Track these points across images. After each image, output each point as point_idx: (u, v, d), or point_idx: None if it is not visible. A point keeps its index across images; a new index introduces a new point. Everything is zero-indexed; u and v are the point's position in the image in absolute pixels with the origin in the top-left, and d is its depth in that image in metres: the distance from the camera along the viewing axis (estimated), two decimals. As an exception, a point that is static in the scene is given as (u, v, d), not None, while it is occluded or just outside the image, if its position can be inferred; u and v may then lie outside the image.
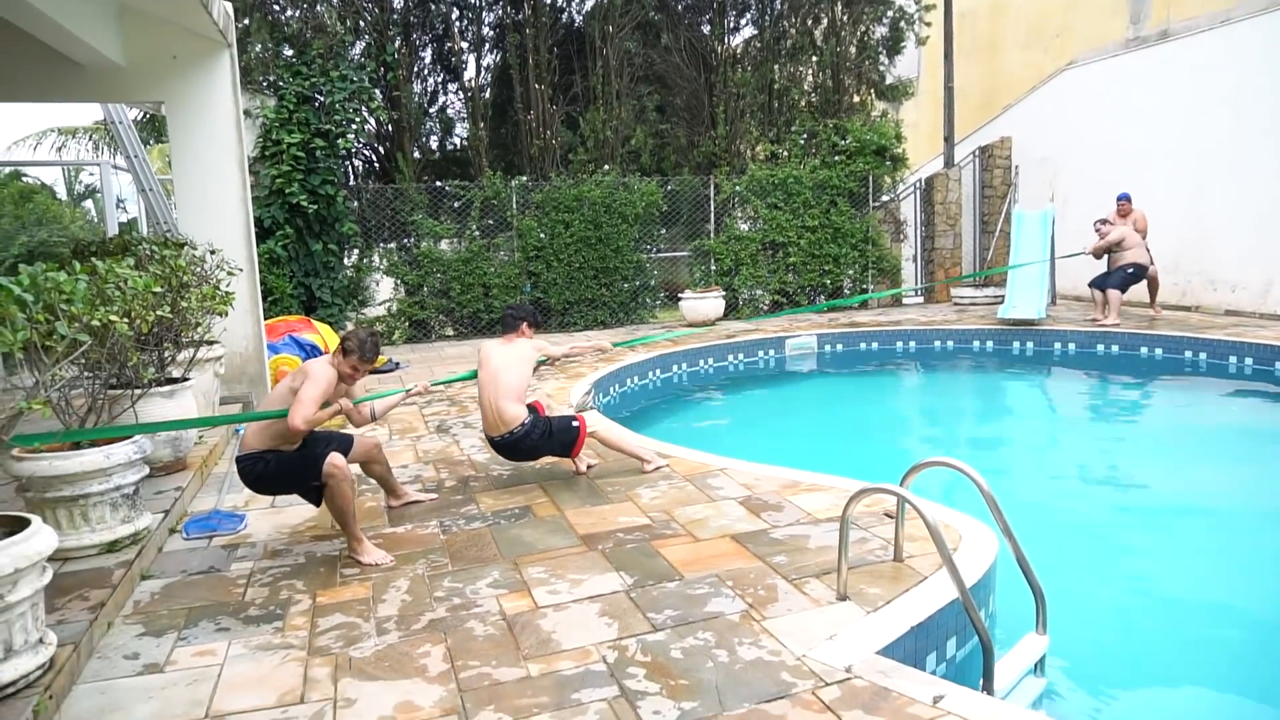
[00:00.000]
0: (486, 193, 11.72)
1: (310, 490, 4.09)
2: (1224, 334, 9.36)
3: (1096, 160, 12.90)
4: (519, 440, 4.74)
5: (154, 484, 4.69)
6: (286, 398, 3.89)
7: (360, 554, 3.88)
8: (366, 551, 3.89)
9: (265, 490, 4.13)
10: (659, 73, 14.24)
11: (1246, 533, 5.14)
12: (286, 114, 10.28)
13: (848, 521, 3.22)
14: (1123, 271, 10.26)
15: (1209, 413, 8.04)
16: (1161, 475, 6.34)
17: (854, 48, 14.18)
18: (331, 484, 3.82)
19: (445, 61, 14.11)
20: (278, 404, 3.95)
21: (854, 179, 13.02)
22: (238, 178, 6.98)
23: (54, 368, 3.09)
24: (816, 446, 7.17)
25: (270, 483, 4.04)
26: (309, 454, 3.95)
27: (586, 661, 2.87)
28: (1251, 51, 10.63)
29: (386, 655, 2.99)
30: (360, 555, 3.88)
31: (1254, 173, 10.64)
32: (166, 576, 3.80)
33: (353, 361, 3.98)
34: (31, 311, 3.09)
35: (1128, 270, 10.23)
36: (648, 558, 3.75)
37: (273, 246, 10.10)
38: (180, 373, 5.10)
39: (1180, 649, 3.78)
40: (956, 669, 3.15)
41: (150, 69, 6.76)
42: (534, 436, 4.75)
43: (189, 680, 2.88)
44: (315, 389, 3.83)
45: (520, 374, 4.80)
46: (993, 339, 10.62)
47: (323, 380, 3.87)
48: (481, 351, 4.96)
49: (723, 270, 12.76)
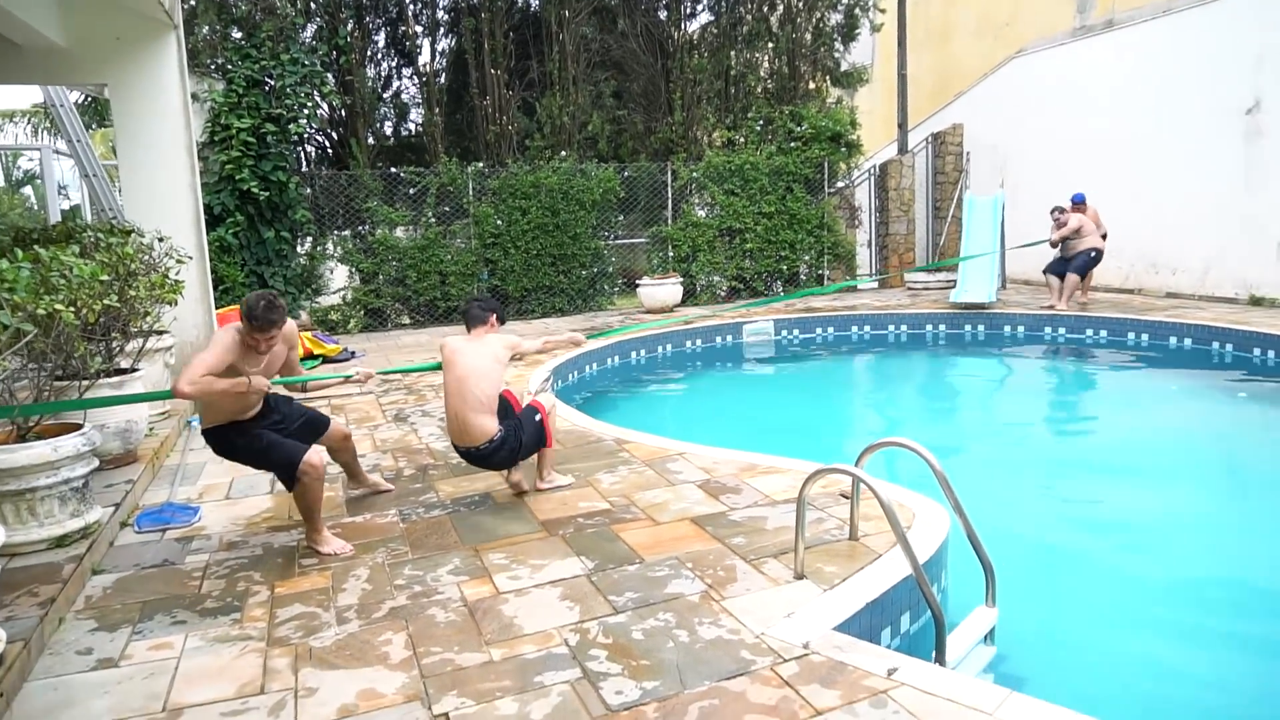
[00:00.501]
0: (442, 179, 11.60)
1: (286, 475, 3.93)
2: (1165, 315, 9.66)
3: (1044, 147, 13.19)
4: (489, 455, 4.26)
5: (104, 477, 4.60)
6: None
7: (320, 544, 3.85)
8: (325, 541, 3.85)
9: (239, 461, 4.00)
10: (616, 59, 14.19)
11: (1189, 503, 5.35)
12: (236, 98, 10.06)
13: (804, 502, 3.29)
14: (1085, 255, 10.34)
15: (1151, 390, 8.30)
16: (1106, 451, 6.55)
17: (809, 34, 14.27)
18: (305, 481, 3.76)
19: (399, 46, 13.90)
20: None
21: (810, 165, 13.14)
22: (186, 163, 6.84)
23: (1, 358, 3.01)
24: (774, 430, 7.26)
25: (243, 458, 3.96)
26: (286, 445, 3.83)
27: (549, 645, 2.90)
28: (1193, 40, 10.94)
29: (348, 644, 2.99)
30: (320, 545, 3.84)
31: (1196, 159, 10.96)
32: (119, 570, 3.73)
33: (246, 328, 3.65)
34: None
35: (1090, 254, 10.34)
36: (608, 542, 3.78)
37: (223, 234, 9.90)
38: (129, 363, 5.00)
39: (1124, 616, 3.92)
40: (910, 642, 3.24)
41: (92, 50, 6.58)
42: (505, 451, 4.26)
43: (145, 674, 2.85)
44: (208, 354, 3.58)
45: (491, 382, 4.27)
46: (945, 323, 10.83)
47: (218, 346, 3.62)
48: (445, 350, 4.38)
49: (680, 256, 12.80)
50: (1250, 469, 6.16)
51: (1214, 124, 10.69)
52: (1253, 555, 4.55)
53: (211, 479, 5.04)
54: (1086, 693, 3.24)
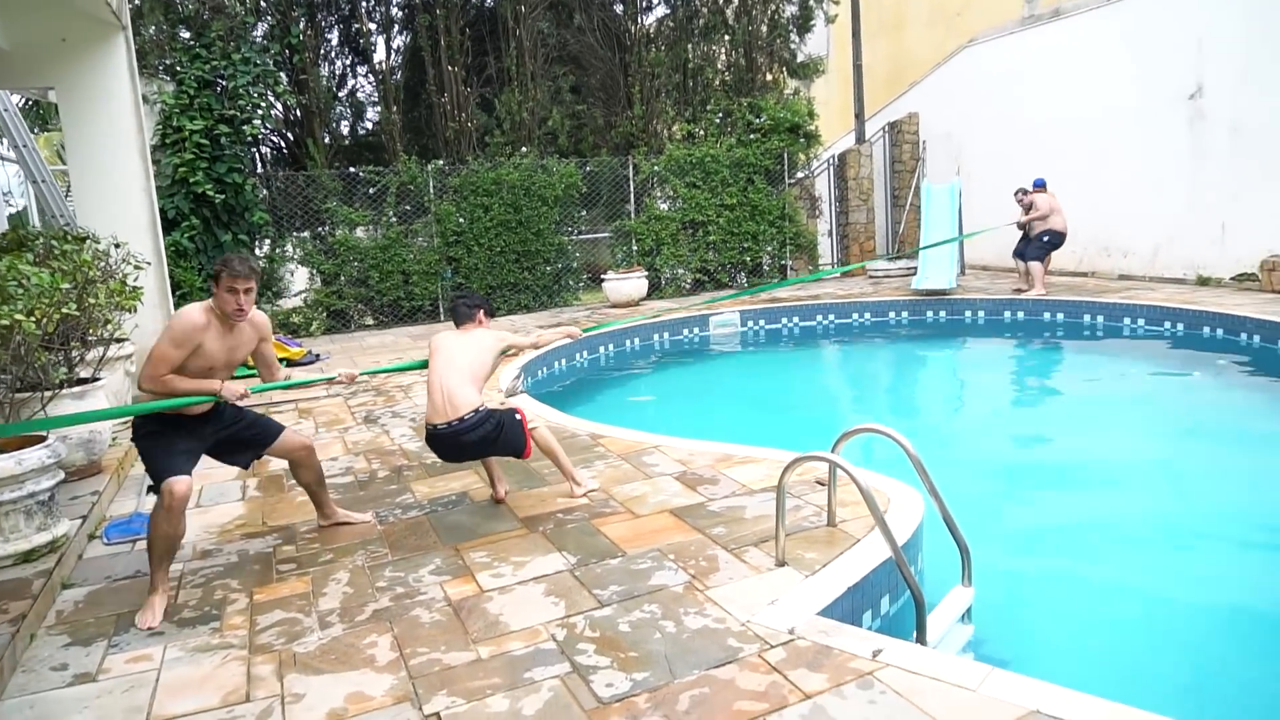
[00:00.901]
0: (402, 178, 11.48)
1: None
2: (1119, 297, 9.90)
3: (997, 134, 13.43)
4: (468, 429, 3.94)
5: (69, 489, 4.50)
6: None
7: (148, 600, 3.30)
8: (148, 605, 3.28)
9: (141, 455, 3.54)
10: (573, 53, 14.16)
11: (1156, 476, 5.51)
12: (187, 99, 9.85)
13: (783, 490, 3.33)
14: (1039, 240, 10.57)
15: (1110, 370, 8.52)
16: (1072, 429, 6.71)
17: (765, 26, 14.36)
18: (160, 503, 3.30)
19: (353, 43, 13.73)
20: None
21: (769, 156, 13.23)
22: (140, 167, 6.69)
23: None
24: (746, 420, 7.32)
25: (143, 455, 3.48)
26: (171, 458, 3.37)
27: (536, 641, 2.90)
28: (1137, 27, 11.20)
29: (332, 648, 2.96)
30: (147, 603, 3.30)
31: (1144, 144, 11.24)
32: (90, 584, 3.66)
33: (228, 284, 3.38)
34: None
35: (1043, 239, 10.56)
36: (589, 536, 3.79)
37: (179, 239, 9.70)
38: (90, 373, 4.88)
39: (1097, 591, 4.03)
40: (890, 623, 3.30)
41: (37, 53, 6.41)
42: (486, 428, 3.98)
43: (125, 687, 2.80)
44: (166, 344, 3.31)
45: (481, 363, 4.16)
46: (907, 309, 10.99)
47: (177, 331, 3.31)
48: (433, 342, 4.27)
49: (644, 250, 12.82)
50: (1211, 440, 6.35)
51: (1159, 109, 10.97)
52: (1222, 525, 4.70)
53: (179, 488, 4.94)
54: (1063, 667, 3.32)
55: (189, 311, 3.42)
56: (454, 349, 4.16)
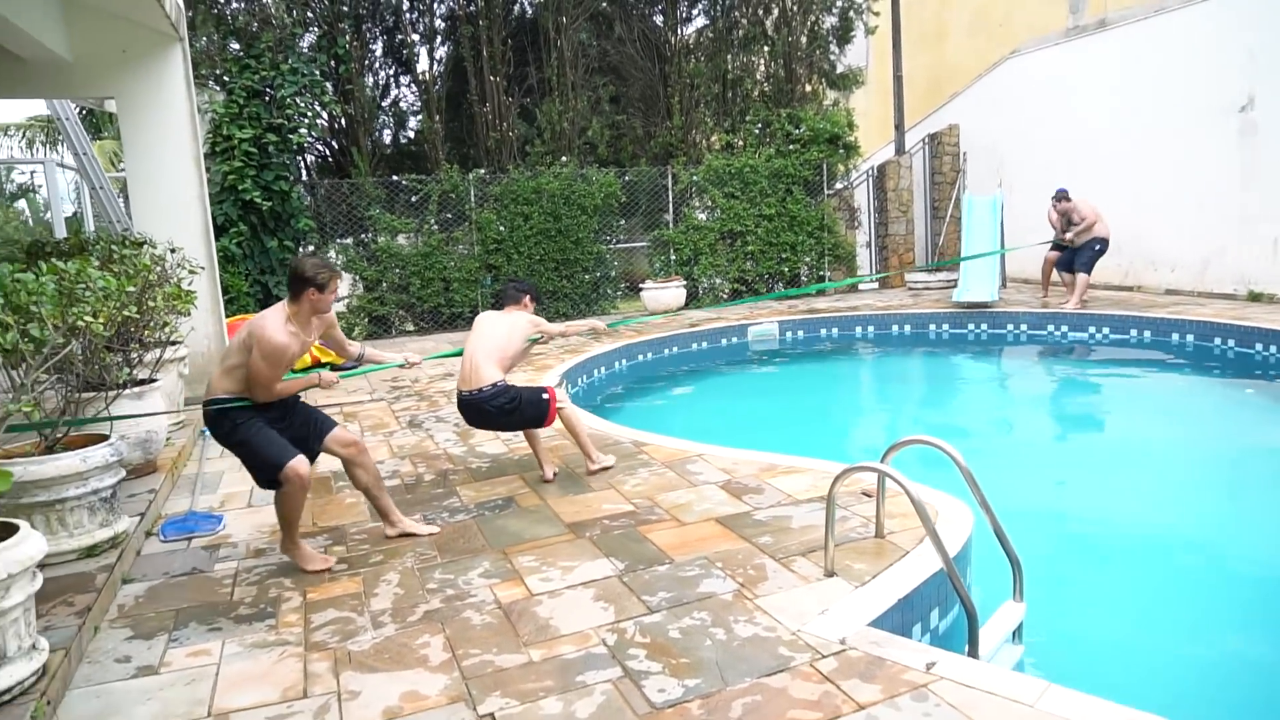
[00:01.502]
0: (444, 186, 11.63)
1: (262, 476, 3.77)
2: (1166, 312, 9.72)
3: (1040, 146, 13.27)
4: (487, 399, 4.43)
5: (126, 487, 4.60)
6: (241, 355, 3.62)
7: (299, 560, 3.72)
8: (306, 559, 3.72)
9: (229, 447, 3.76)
10: (613, 64, 14.26)
11: (1207, 496, 5.40)
12: (237, 109, 10.08)
13: (833, 500, 3.32)
14: (1090, 249, 10.28)
15: (1159, 387, 8.37)
16: (1118, 446, 6.60)
17: (805, 37, 14.36)
18: (287, 489, 3.62)
19: (397, 54, 13.95)
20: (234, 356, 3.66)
21: (808, 167, 13.20)
22: (194, 174, 6.86)
23: (38, 370, 3.03)
24: (787, 430, 7.30)
25: (231, 447, 3.71)
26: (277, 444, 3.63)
27: (587, 645, 2.92)
28: (1186, 38, 11.03)
29: (385, 647, 3.01)
30: (298, 560, 3.72)
31: (1190, 156, 11.05)
32: (149, 579, 3.75)
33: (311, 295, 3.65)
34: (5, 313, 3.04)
35: (1095, 247, 10.27)
36: (636, 543, 3.81)
37: (227, 244, 9.90)
38: (147, 374, 5.01)
39: (1151, 610, 3.96)
40: (940, 637, 3.28)
41: (99, 64, 6.60)
42: (501, 400, 4.45)
43: (186, 680, 2.87)
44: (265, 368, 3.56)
45: (507, 337, 4.62)
46: (948, 322, 10.89)
47: (273, 356, 3.54)
48: (477, 319, 4.82)
49: (682, 260, 12.84)
50: (1266, 458, 6.21)
51: (1209, 121, 10.78)
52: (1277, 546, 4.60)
53: (231, 487, 5.06)
54: (1116, 685, 3.27)
55: (276, 335, 3.56)
56: (489, 326, 4.69)
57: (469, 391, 4.50)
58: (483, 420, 4.63)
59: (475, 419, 4.66)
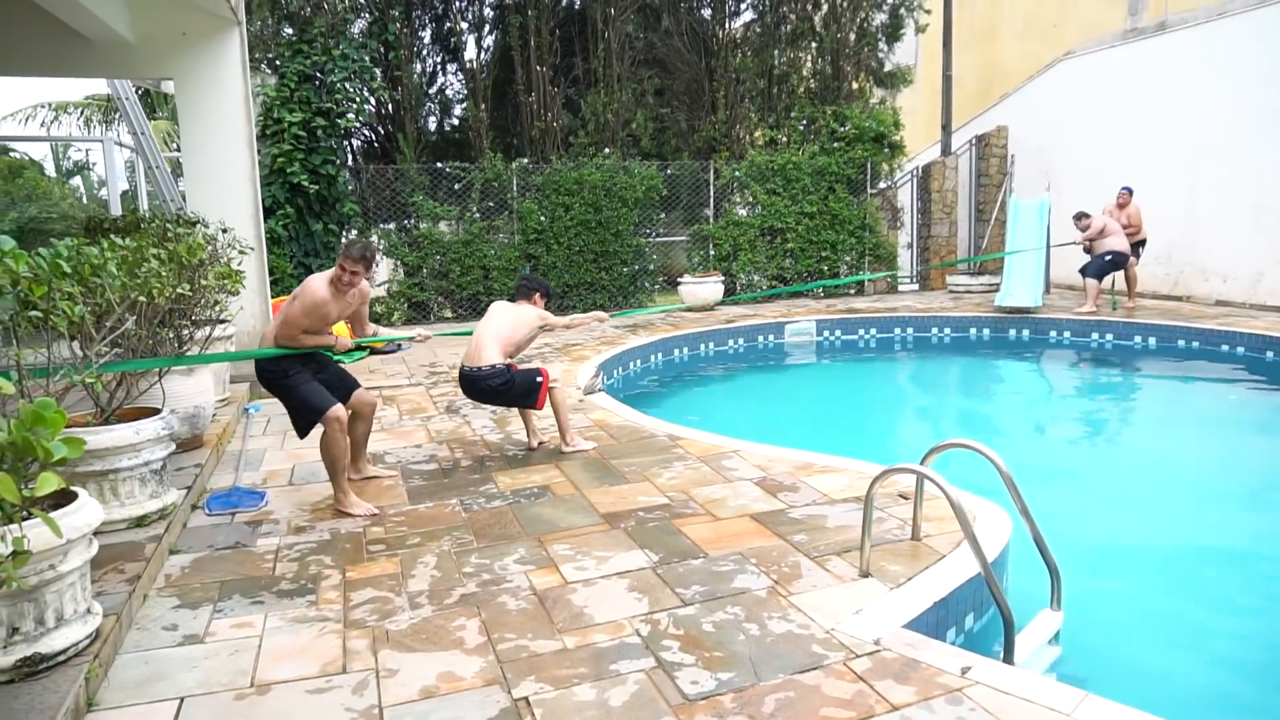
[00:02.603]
0: (487, 174, 11.71)
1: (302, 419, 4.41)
2: (1216, 324, 9.51)
3: (1091, 151, 13.02)
4: (485, 377, 4.89)
5: (174, 461, 4.71)
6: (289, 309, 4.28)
7: (346, 506, 4.22)
8: (352, 504, 4.22)
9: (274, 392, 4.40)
10: (659, 56, 14.23)
11: (1251, 507, 5.29)
12: (288, 92, 10.23)
13: (871, 500, 3.31)
14: (1100, 260, 10.42)
15: (1206, 398, 8.19)
16: (1161, 456, 6.48)
17: (853, 34, 14.20)
18: (329, 431, 4.18)
19: (445, 42, 14.04)
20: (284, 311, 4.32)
21: (852, 166, 13.08)
22: (246, 156, 6.98)
23: (100, 343, 3.12)
24: (823, 429, 7.27)
25: (276, 390, 4.34)
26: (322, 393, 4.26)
27: (620, 635, 2.95)
28: (1247, 44, 10.74)
29: (423, 628, 3.06)
30: (346, 507, 4.21)
31: (1247, 166, 10.78)
32: (194, 551, 3.85)
33: (345, 265, 4.22)
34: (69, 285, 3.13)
35: (1105, 258, 10.39)
36: (670, 536, 3.83)
37: (274, 226, 10.07)
38: (196, 350, 5.12)
39: (1190, 623, 3.90)
40: (974, 641, 3.25)
41: (159, 45, 6.74)
42: (496, 380, 4.90)
43: (230, 650, 2.95)
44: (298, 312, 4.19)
45: (513, 326, 5.04)
46: (989, 326, 10.75)
47: (309, 302, 4.18)
48: (490, 306, 5.29)
49: (721, 255, 12.82)
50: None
51: (1268, 129, 10.50)
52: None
53: (273, 465, 5.17)
54: (1155, 700, 3.23)
55: (317, 286, 4.23)
56: (499, 313, 5.13)
57: (471, 367, 4.94)
58: (477, 394, 5.05)
59: (471, 392, 5.05)
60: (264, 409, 6.60)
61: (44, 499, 2.53)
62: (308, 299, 4.19)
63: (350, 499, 4.25)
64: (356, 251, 4.24)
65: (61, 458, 2.02)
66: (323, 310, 4.23)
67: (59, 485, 2.01)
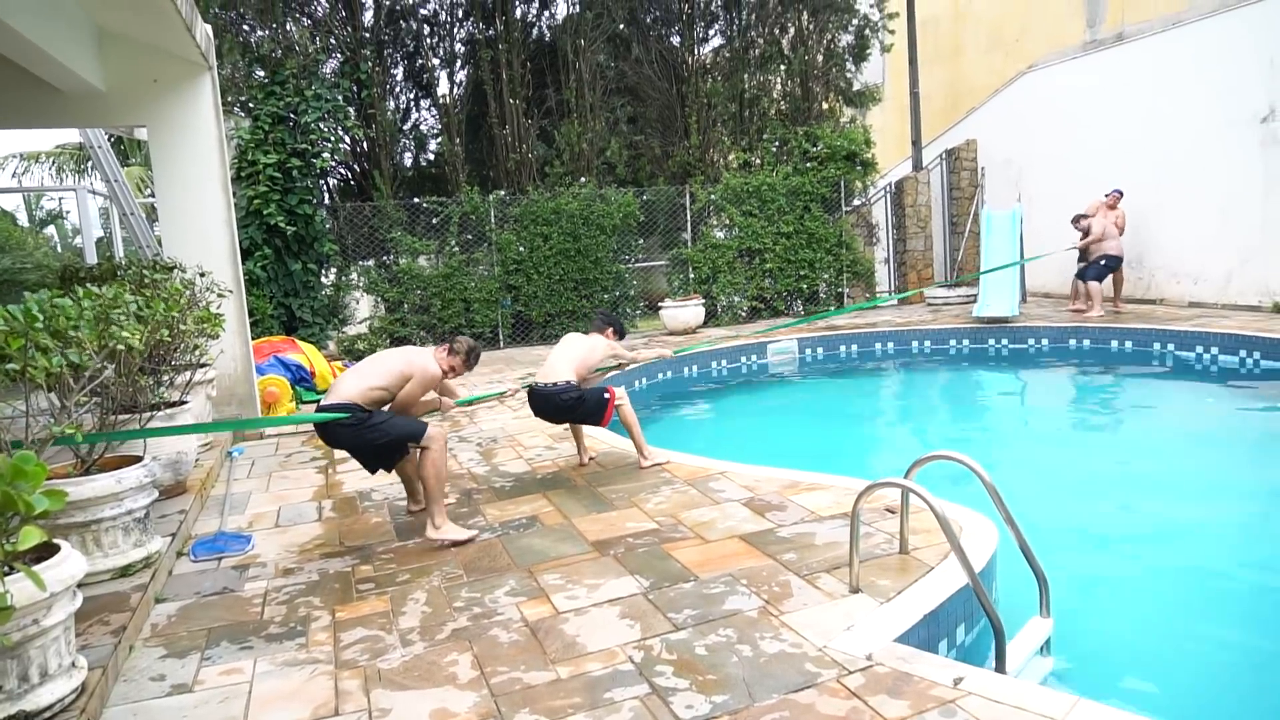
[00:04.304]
0: (464, 208, 11.77)
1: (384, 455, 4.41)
2: (1190, 325, 9.65)
3: (1058, 160, 13.25)
4: (559, 393, 5.13)
5: (157, 508, 4.67)
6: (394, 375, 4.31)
7: (446, 532, 4.23)
8: (452, 530, 4.26)
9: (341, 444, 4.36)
10: (631, 84, 14.39)
11: (1237, 509, 5.34)
12: (262, 134, 10.27)
13: (857, 516, 3.33)
14: (1096, 264, 10.73)
15: (1183, 400, 8.29)
16: (1143, 459, 6.54)
17: (821, 56, 14.44)
18: (433, 449, 4.22)
19: (418, 78, 14.15)
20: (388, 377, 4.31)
21: (826, 184, 13.24)
22: (222, 200, 6.98)
23: (79, 393, 3.10)
24: (809, 448, 7.29)
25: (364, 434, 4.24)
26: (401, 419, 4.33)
27: (614, 662, 2.94)
28: (1205, 50, 11.01)
29: (415, 665, 3.04)
30: (447, 533, 4.22)
31: (1210, 169, 11.00)
32: (181, 599, 3.81)
33: (455, 363, 4.52)
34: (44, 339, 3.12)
35: (1100, 262, 10.71)
36: (660, 560, 3.83)
37: (252, 268, 10.06)
38: (178, 396, 5.10)
39: (1179, 626, 3.93)
40: (966, 653, 3.27)
41: (131, 93, 6.75)
42: (569, 395, 5.13)
43: (220, 698, 2.91)
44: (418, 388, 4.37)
45: (588, 351, 5.38)
46: (969, 338, 10.85)
47: (430, 383, 4.41)
48: (564, 337, 5.63)
49: (701, 278, 12.90)
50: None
51: (1230, 133, 10.73)
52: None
53: (259, 507, 5.13)
54: (1146, 700, 3.25)
55: (432, 369, 4.39)
56: (573, 341, 5.49)
57: (545, 384, 5.19)
58: (549, 409, 5.27)
59: (543, 408, 5.28)
60: (247, 451, 6.56)
61: (26, 552, 2.50)
62: (427, 379, 4.37)
63: (450, 524, 4.30)
64: (474, 360, 4.58)
65: (44, 510, 2.01)
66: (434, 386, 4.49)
67: (41, 538, 2.00)
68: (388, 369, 4.33)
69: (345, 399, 4.21)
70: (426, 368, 4.36)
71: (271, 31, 11.95)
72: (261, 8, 11.79)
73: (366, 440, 4.29)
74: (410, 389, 4.32)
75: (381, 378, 4.29)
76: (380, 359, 4.47)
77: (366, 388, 4.24)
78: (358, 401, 4.22)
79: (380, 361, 4.43)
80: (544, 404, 5.24)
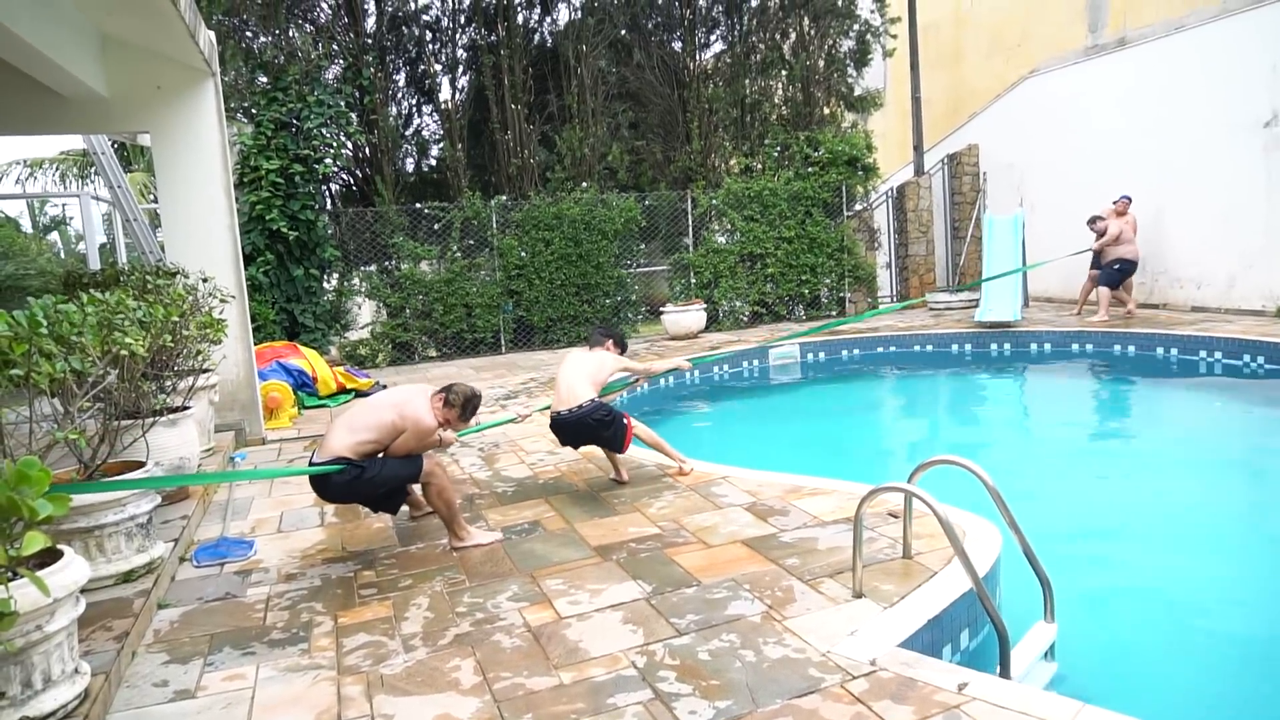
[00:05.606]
0: (466, 213, 11.78)
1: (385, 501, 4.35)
2: (1193, 329, 9.64)
3: (1062, 165, 13.25)
4: (589, 413, 4.89)
5: (160, 513, 4.66)
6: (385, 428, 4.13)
7: (469, 539, 4.27)
8: (474, 536, 4.30)
9: (338, 499, 4.33)
10: (632, 90, 14.41)
11: (1243, 511, 5.33)
12: (264, 140, 10.29)
13: (860, 521, 3.32)
14: (1110, 268, 10.68)
15: (1186, 404, 8.28)
16: (1147, 463, 6.53)
17: (822, 61, 14.45)
18: (437, 478, 4.21)
19: (420, 84, 14.17)
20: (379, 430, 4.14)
21: (828, 189, 13.25)
22: (225, 205, 6.99)
23: (83, 399, 3.11)
24: (811, 452, 7.29)
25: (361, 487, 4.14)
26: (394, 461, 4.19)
27: (617, 667, 2.94)
28: (1207, 55, 11.01)
29: (417, 671, 3.04)
30: (470, 539, 4.27)
31: (1213, 173, 10.99)
32: (184, 604, 3.80)
33: (450, 416, 4.32)
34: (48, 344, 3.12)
35: (1114, 266, 10.66)
36: (663, 565, 3.82)
37: (254, 273, 10.07)
38: (180, 401, 5.10)
39: (1183, 632, 3.91)
40: (970, 658, 3.26)
41: (134, 100, 6.76)
42: (597, 416, 4.91)
43: (223, 704, 2.91)
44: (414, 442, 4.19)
45: (598, 368, 5.13)
46: (971, 342, 10.84)
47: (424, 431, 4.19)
48: (566, 355, 5.39)
49: (702, 283, 12.90)
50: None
51: (1233, 137, 10.73)
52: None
53: (261, 513, 5.13)
54: (1151, 706, 3.24)
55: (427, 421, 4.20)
56: (579, 358, 5.23)
57: (569, 409, 4.93)
58: (578, 433, 5.04)
59: (571, 434, 5.05)
60: (250, 457, 6.56)
61: (29, 558, 2.50)
62: (423, 431, 4.19)
63: (470, 533, 4.32)
64: (471, 412, 4.39)
65: (47, 516, 2.01)
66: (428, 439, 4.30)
67: (45, 544, 2.00)
68: (379, 421, 4.14)
69: (336, 455, 4.06)
70: (420, 421, 4.16)
71: (274, 38, 11.98)
72: (264, 14, 11.82)
73: (364, 494, 4.23)
74: (404, 442, 4.15)
75: (372, 430, 4.13)
76: (371, 407, 4.26)
77: (357, 442, 4.09)
78: (349, 456, 4.07)
79: (371, 411, 4.22)
80: (575, 428, 4.97)
